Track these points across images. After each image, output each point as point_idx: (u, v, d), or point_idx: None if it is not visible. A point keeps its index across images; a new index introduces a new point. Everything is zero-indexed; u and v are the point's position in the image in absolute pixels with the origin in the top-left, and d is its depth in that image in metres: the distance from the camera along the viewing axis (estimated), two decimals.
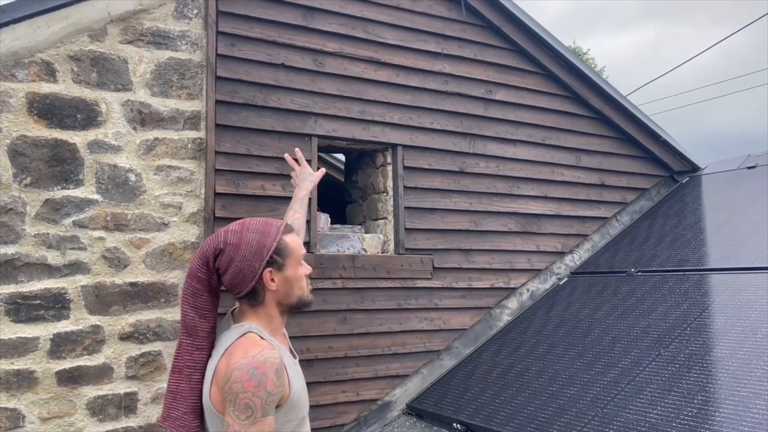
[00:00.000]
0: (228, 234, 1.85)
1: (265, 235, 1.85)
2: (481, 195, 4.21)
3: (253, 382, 1.65)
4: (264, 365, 1.67)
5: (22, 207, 2.87)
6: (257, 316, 1.87)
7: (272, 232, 1.86)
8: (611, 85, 4.82)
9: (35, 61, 2.94)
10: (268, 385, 1.66)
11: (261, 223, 1.88)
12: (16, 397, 2.78)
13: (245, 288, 1.83)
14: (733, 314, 3.15)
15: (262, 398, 1.65)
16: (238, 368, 1.67)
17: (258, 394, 1.65)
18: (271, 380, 1.67)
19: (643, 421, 2.63)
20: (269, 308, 1.87)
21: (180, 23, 3.30)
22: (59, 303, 2.91)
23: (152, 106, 3.20)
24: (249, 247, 1.82)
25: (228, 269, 1.81)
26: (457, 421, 3.31)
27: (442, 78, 4.13)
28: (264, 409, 1.65)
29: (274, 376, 1.68)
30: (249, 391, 1.64)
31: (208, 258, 1.83)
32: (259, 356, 1.69)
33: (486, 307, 4.17)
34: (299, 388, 1.83)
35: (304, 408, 1.85)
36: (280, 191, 3.51)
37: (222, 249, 1.82)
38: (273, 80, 3.53)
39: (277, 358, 1.71)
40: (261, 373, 1.66)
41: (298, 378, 1.86)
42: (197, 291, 1.83)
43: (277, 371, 1.69)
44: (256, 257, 1.81)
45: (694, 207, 4.68)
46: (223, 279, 1.85)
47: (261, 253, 1.83)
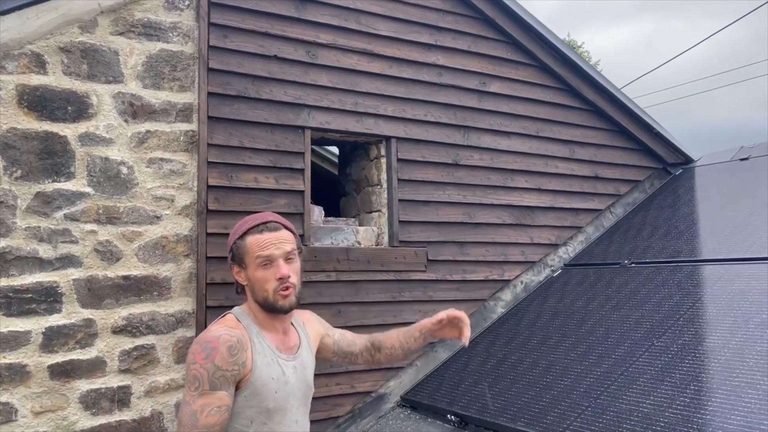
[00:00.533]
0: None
1: (235, 233, 1.95)
2: (475, 187, 4.21)
3: (203, 354, 1.72)
4: (217, 340, 1.73)
5: (13, 200, 2.85)
6: (248, 305, 1.95)
7: (239, 231, 1.93)
8: (605, 77, 4.82)
9: (25, 53, 2.91)
10: (217, 359, 1.71)
11: (245, 220, 1.96)
12: (8, 391, 2.77)
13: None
14: (726, 304, 3.17)
15: (209, 371, 1.70)
16: (196, 341, 1.77)
17: (205, 366, 1.70)
18: (221, 355, 1.71)
19: (636, 411, 2.64)
20: (250, 301, 1.94)
21: (171, 14, 3.28)
22: (51, 296, 2.89)
23: (144, 99, 3.18)
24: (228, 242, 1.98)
25: None
26: (451, 412, 3.32)
27: (436, 70, 4.11)
28: (212, 383, 1.70)
29: (225, 351, 1.72)
30: (198, 362, 1.71)
31: None
32: (216, 332, 1.77)
33: (480, 299, 4.17)
34: (266, 377, 1.80)
35: (271, 400, 1.81)
36: (273, 184, 3.50)
37: None
38: (266, 72, 3.51)
39: (234, 336, 1.76)
40: (212, 347, 1.72)
41: (274, 369, 1.83)
42: None
43: (230, 348, 1.73)
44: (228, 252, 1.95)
45: (687, 199, 4.69)
46: None
47: (229, 248, 1.96)
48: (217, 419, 1.70)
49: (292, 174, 3.57)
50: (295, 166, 3.58)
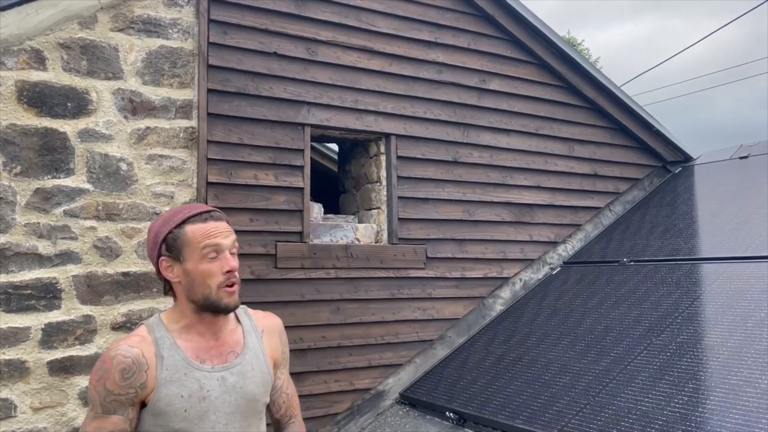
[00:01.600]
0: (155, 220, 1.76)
1: (166, 222, 1.70)
2: (475, 185, 4.21)
3: (96, 375, 1.59)
4: (112, 361, 1.58)
5: (12, 196, 2.85)
6: (173, 309, 1.74)
7: (174, 220, 1.68)
8: (605, 75, 4.81)
9: (24, 49, 2.91)
10: (108, 383, 1.57)
11: (175, 210, 1.73)
12: (7, 387, 2.77)
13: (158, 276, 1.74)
14: (725, 303, 3.17)
15: (100, 395, 1.57)
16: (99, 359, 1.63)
17: (97, 389, 1.58)
18: (113, 379, 1.57)
19: (634, 409, 2.65)
20: (180, 302, 1.71)
21: (171, 11, 3.27)
22: (50, 293, 2.89)
23: (143, 95, 3.17)
24: (151, 234, 1.71)
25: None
26: (450, 409, 3.32)
27: (436, 67, 4.11)
28: (104, 407, 1.57)
29: (117, 374, 1.57)
30: (92, 384, 1.60)
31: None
32: (112, 351, 1.60)
33: (479, 296, 4.18)
34: (172, 396, 1.61)
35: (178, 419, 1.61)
36: (272, 180, 3.50)
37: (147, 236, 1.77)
38: (265, 69, 3.51)
39: (129, 357, 1.59)
40: (105, 369, 1.58)
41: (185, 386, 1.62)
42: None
43: (123, 371, 1.57)
44: (154, 244, 1.69)
45: (686, 197, 4.69)
46: None
47: (156, 240, 1.69)
48: None
49: (291, 171, 3.57)
50: (294, 163, 3.58)
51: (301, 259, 3.55)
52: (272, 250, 3.47)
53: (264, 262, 3.44)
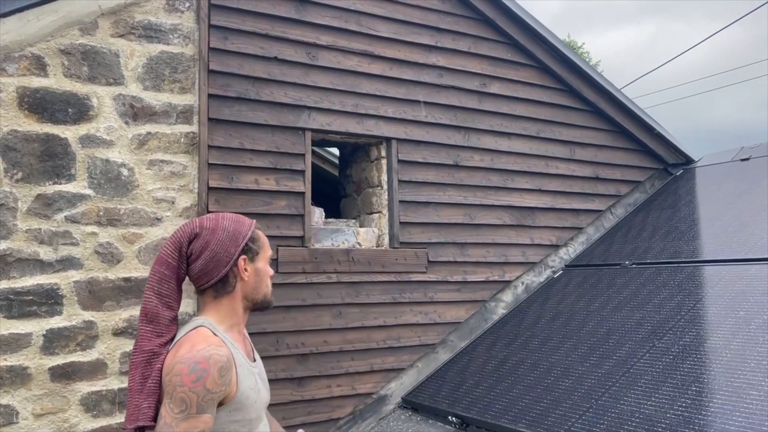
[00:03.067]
0: (204, 220, 1.81)
1: (240, 223, 1.84)
2: (476, 188, 4.21)
3: (192, 376, 1.61)
4: (207, 361, 1.63)
5: (14, 202, 2.85)
6: (218, 310, 1.81)
7: (247, 222, 1.86)
8: (605, 78, 4.81)
9: (25, 55, 2.91)
10: (208, 382, 1.61)
11: (235, 215, 1.88)
12: (9, 393, 2.77)
13: (217, 274, 1.77)
14: (727, 305, 3.16)
15: (199, 395, 1.61)
16: (181, 361, 1.62)
17: (195, 390, 1.60)
18: (212, 378, 1.62)
19: (637, 412, 2.63)
20: (235, 300, 1.82)
21: (172, 16, 3.28)
22: (52, 298, 2.89)
23: (144, 100, 3.18)
24: (225, 232, 1.79)
25: (202, 254, 1.77)
26: (452, 414, 3.31)
27: (436, 71, 4.11)
28: (200, 406, 1.61)
29: (216, 373, 1.63)
30: (186, 385, 1.60)
31: (182, 243, 1.77)
32: (204, 351, 1.64)
33: (481, 300, 4.17)
34: (248, 389, 1.74)
35: (253, 410, 1.75)
36: (273, 185, 3.50)
37: (198, 233, 1.78)
38: (266, 74, 3.51)
39: (223, 355, 1.66)
40: (202, 368, 1.62)
41: (251, 379, 1.77)
42: (164, 277, 1.76)
43: (221, 369, 1.64)
44: (232, 242, 1.79)
45: (688, 199, 4.68)
46: (194, 266, 1.78)
47: (237, 239, 1.80)
48: None
49: (292, 175, 3.57)
50: (295, 168, 3.58)
51: (303, 263, 3.54)
52: (273, 255, 3.47)
53: None
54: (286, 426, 3.43)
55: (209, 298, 1.82)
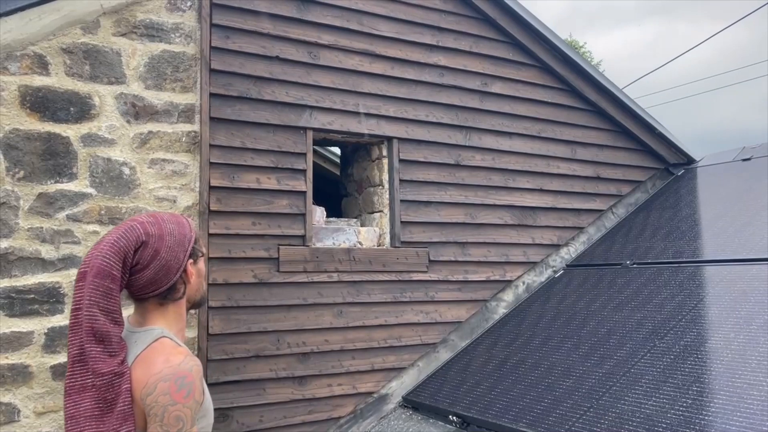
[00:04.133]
0: (146, 226, 1.66)
1: (182, 225, 1.73)
2: (477, 188, 4.21)
3: (182, 392, 1.56)
4: (191, 374, 1.59)
5: (16, 201, 2.86)
6: (165, 317, 1.72)
7: (186, 223, 1.74)
8: (607, 77, 4.81)
9: (27, 54, 2.92)
10: (196, 394, 1.59)
11: (169, 214, 1.75)
12: (10, 391, 2.77)
13: (167, 283, 1.68)
14: (728, 305, 3.16)
15: (193, 409, 1.58)
16: (163, 379, 1.55)
17: (188, 405, 1.57)
18: (198, 389, 1.60)
19: (638, 412, 2.64)
20: (181, 306, 1.74)
21: (174, 15, 3.28)
22: (53, 297, 2.90)
23: (146, 99, 3.18)
24: (172, 237, 1.68)
25: (151, 263, 1.65)
26: (453, 413, 3.32)
27: (438, 70, 4.11)
28: (193, 420, 1.59)
29: (199, 384, 1.61)
30: (179, 402, 1.55)
31: (127, 252, 1.62)
32: (185, 365, 1.59)
33: (482, 299, 4.17)
34: (208, 394, 1.73)
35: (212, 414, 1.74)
36: (275, 184, 3.50)
37: (144, 241, 1.64)
38: (268, 73, 3.52)
39: (199, 365, 1.64)
40: (189, 383, 1.58)
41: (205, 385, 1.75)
42: (109, 291, 1.59)
43: (201, 379, 1.63)
44: (180, 248, 1.69)
45: (689, 199, 4.68)
46: (140, 276, 1.65)
47: (184, 243, 1.70)
48: None
49: (293, 175, 3.57)
50: (296, 167, 3.58)
51: (304, 262, 3.55)
52: (275, 254, 3.47)
53: (266, 266, 3.44)
54: (286, 425, 3.44)
55: (152, 306, 1.71)
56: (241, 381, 3.33)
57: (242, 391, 3.33)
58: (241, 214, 3.40)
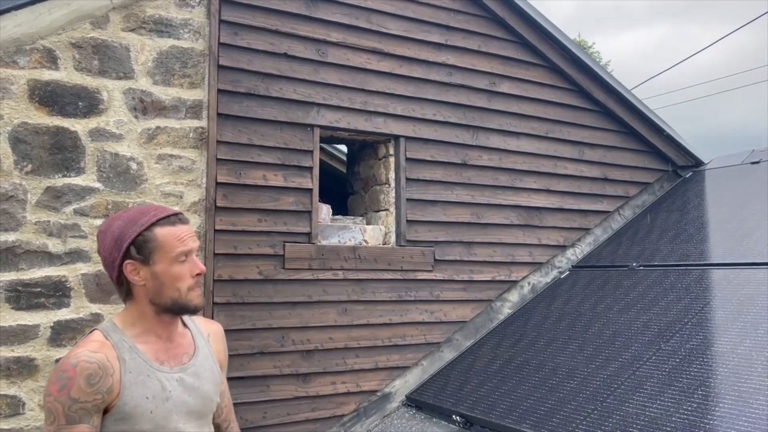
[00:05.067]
0: (107, 220, 1.72)
1: (131, 223, 1.68)
2: (484, 187, 4.20)
3: (57, 385, 1.54)
4: (73, 369, 1.54)
5: (23, 194, 2.87)
6: (126, 313, 1.72)
7: (141, 222, 1.67)
8: (616, 78, 4.79)
9: (37, 48, 2.93)
10: (73, 390, 1.53)
11: (138, 211, 1.71)
12: (16, 384, 2.78)
13: (112, 278, 1.69)
14: (735, 309, 3.14)
15: (64, 404, 1.53)
16: (54, 369, 1.56)
17: (59, 399, 1.53)
18: (78, 386, 1.53)
19: (642, 415, 2.63)
20: (140, 304, 1.69)
21: (182, 11, 3.28)
22: (60, 291, 2.91)
23: (154, 95, 3.19)
24: (111, 236, 1.67)
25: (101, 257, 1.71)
26: (456, 413, 3.31)
27: (446, 69, 4.10)
28: (68, 417, 1.54)
29: (83, 382, 1.54)
30: (52, 394, 1.54)
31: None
32: (73, 358, 1.56)
33: (487, 299, 4.16)
34: (139, 398, 1.61)
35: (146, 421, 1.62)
36: (281, 181, 3.50)
37: (98, 235, 1.73)
38: (275, 70, 3.52)
39: (93, 362, 1.56)
40: (67, 377, 1.54)
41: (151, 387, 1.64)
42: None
43: (89, 377, 1.55)
44: (116, 247, 1.66)
45: (696, 202, 4.66)
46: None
47: (120, 243, 1.66)
48: None
49: (300, 172, 3.57)
50: (303, 164, 3.58)
51: (309, 260, 3.55)
52: (280, 251, 3.47)
53: (272, 263, 3.44)
54: (290, 422, 3.44)
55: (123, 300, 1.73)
56: (245, 377, 3.34)
57: (246, 388, 3.33)
58: (248, 211, 3.40)
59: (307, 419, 3.47)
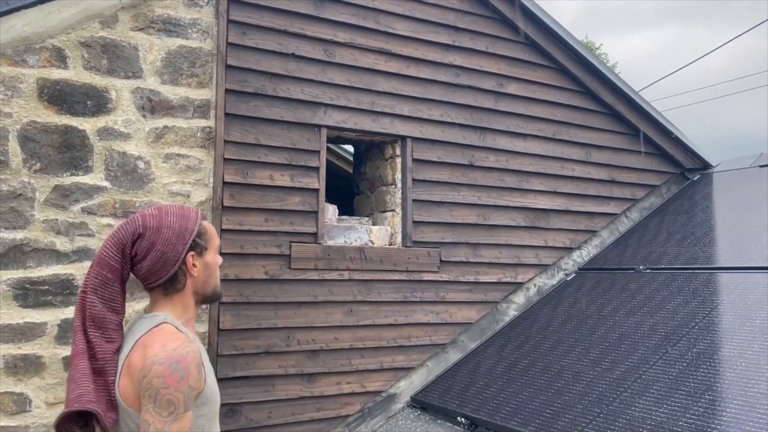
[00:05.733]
0: (146, 218, 1.74)
1: (185, 218, 1.77)
2: (490, 189, 4.19)
3: (175, 377, 1.59)
4: (186, 359, 1.61)
5: (32, 192, 2.88)
6: (172, 306, 1.78)
7: (192, 216, 1.79)
8: (623, 80, 4.77)
9: (46, 47, 2.94)
10: (191, 379, 1.61)
11: (179, 207, 1.81)
12: (23, 381, 2.80)
13: (166, 274, 1.73)
14: (742, 313, 3.13)
15: (185, 393, 1.60)
16: (158, 362, 1.59)
17: (181, 389, 1.59)
18: (193, 375, 1.62)
19: (649, 419, 2.61)
20: (186, 296, 1.78)
21: (191, 11, 3.29)
22: (67, 289, 2.92)
23: (162, 94, 3.20)
24: (171, 230, 1.73)
25: (147, 255, 1.72)
26: (461, 414, 3.31)
27: (453, 70, 4.10)
28: (186, 405, 1.61)
29: (195, 370, 1.63)
30: (171, 386, 1.58)
31: (125, 244, 1.71)
32: (180, 350, 1.62)
33: (492, 301, 4.16)
34: (213, 383, 1.75)
35: (215, 403, 1.75)
36: (288, 181, 3.51)
37: (141, 233, 1.72)
38: (283, 70, 3.52)
39: (197, 351, 1.66)
40: (183, 367, 1.61)
41: (212, 373, 1.77)
42: (108, 281, 1.70)
43: (198, 365, 1.64)
44: (179, 240, 1.73)
45: (704, 205, 4.63)
46: (140, 266, 1.74)
47: (184, 236, 1.74)
48: None
49: (307, 172, 3.57)
50: (310, 165, 3.58)
51: (315, 260, 3.55)
52: (286, 251, 3.47)
53: (278, 263, 3.45)
54: (294, 422, 3.45)
55: (159, 295, 1.78)
56: (251, 377, 3.34)
57: (251, 387, 3.34)
58: (254, 211, 3.41)
59: (311, 419, 3.48)
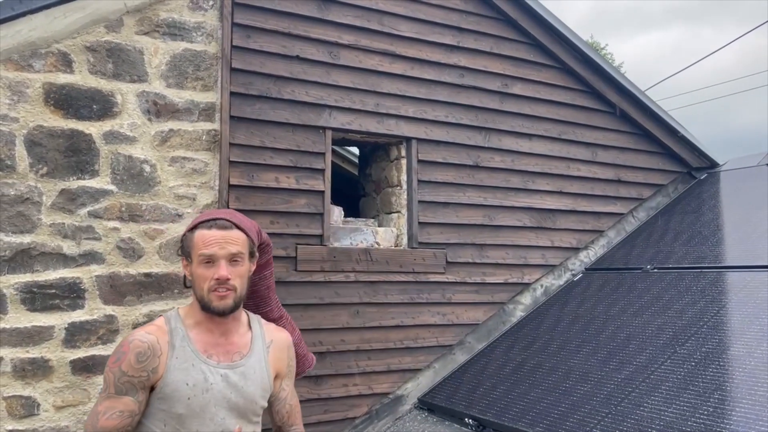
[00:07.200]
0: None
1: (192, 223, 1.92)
2: (496, 189, 4.18)
3: (114, 357, 1.75)
4: (128, 345, 1.75)
5: (38, 197, 2.89)
6: (190, 305, 1.93)
7: (192, 223, 1.91)
8: (629, 79, 4.75)
9: (52, 52, 2.95)
10: (123, 364, 1.72)
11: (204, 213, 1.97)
12: (30, 385, 2.81)
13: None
14: (751, 313, 3.11)
15: (115, 375, 1.72)
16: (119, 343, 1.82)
17: (113, 370, 1.73)
18: (128, 361, 1.72)
19: (657, 419, 2.60)
20: (194, 298, 1.89)
21: (196, 14, 3.30)
22: (74, 292, 2.93)
23: (167, 98, 3.20)
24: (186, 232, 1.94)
25: None
26: (469, 416, 3.30)
27: (458, 71, 4.09)
28: (117, 387, 1.72)
29: (133, 358, 1.73)
30: (108, 365, 1.75)
31: None
32: (131, 336, 1.78)
33: (499, 302, 4.14)
34: (179, 382, 1.75)
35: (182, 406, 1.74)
36: (293, 184, 3.51)
37: None
38: (288, 72, 3.52)
39: (145, 342, 1.75)
40: (122, 351, 1.75)
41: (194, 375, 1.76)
42: None
43: (139, 354, 1.73)
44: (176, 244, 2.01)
45: (711, 204, 4.61)
46: None
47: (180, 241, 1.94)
48: (117, 423, 1.70)
49: (312, 174, 3.58)
50: (315, 167, 3.58)
51: (321, 262, 3.55)
52: (292, 253, 3.48)
53: (284, 265, 3.45)
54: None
55: None
56: None
57: None
58: (260, 213, 3.41)
59: (319, 421, 3.47)
